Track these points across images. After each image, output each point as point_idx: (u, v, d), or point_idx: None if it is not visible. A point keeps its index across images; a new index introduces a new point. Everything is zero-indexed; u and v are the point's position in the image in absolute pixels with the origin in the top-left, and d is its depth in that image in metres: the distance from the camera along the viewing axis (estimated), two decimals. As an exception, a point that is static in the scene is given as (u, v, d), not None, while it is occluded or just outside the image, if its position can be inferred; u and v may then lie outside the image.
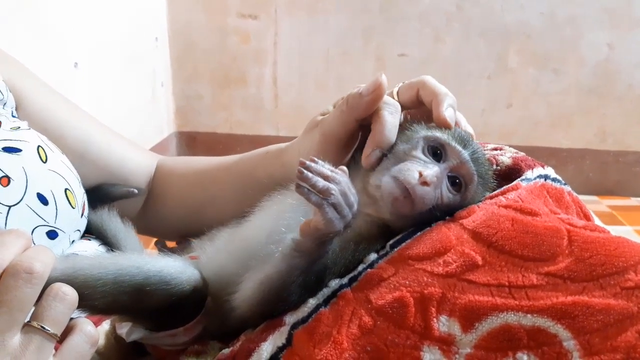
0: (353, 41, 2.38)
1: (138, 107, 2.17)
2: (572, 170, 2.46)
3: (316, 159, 0.50)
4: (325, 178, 0.48)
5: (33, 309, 0.47)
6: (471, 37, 2.35)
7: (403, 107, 0.64)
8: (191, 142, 2.56)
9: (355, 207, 0.50)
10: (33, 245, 0.51)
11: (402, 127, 0.62)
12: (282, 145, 0.76)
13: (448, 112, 0.59)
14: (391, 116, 0.60)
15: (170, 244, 0.88)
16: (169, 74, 2.45)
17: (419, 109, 0.64)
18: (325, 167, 0.49)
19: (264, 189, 0.65)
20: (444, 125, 0.59)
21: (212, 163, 0.86)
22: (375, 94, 0.60)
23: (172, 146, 2.52)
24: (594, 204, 2.35)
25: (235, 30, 2.40)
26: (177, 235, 0.89)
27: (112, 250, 0.76)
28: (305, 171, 0.48)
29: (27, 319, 0.47)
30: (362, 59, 2.38)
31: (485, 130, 2.38)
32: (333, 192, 0.48)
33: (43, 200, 0.66)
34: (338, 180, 0.49)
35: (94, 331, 0.50)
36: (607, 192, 2.46)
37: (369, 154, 0.59)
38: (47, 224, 0.66)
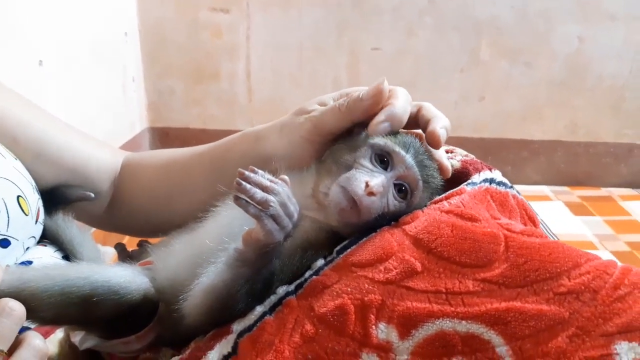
0: (326, 35, 2.37)
1: (109, 104, 2.14)
2: (544, 161, 2.49)
3: (255, 169, 0.50)
4: (264, 189, 0.48)
5: None
6: (444, 30, 2.36)
7: None
8: (164, 137, 2.53)
9: (296, 217, 0.50)
10: None
11: (351, 136, 0.62)
12: (261, 126, 0.74)
13: (441, 131, 0.61)
14: (406, 100, 0.62)
15: (131, 246, 0.87)
16: (140, 70, 2.42)
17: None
18: (265, 178, 0.49)
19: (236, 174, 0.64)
20: (434, 142, 0.60)
21: (182, 152, 0.83)
22: (375, 99, 0.61)
23: (145, 142, 2.50)
24: (565, 195, 2.38)
25: (207, 24, 2.37)
26: (147, 231, 0.87)
27: (69, 256, 0.76)
28: (243, 182, 0.48)
29: None
30: (336, 53, 2.37)
31: (458, 123, 2.40)
32: (272, 203, 0.48)
33: None
34: (277, 190, 0.49)
35: (42, 345, 0.49)
36: (577, 183, 2.49)
37: (379, 122, 0.60)
38: None
